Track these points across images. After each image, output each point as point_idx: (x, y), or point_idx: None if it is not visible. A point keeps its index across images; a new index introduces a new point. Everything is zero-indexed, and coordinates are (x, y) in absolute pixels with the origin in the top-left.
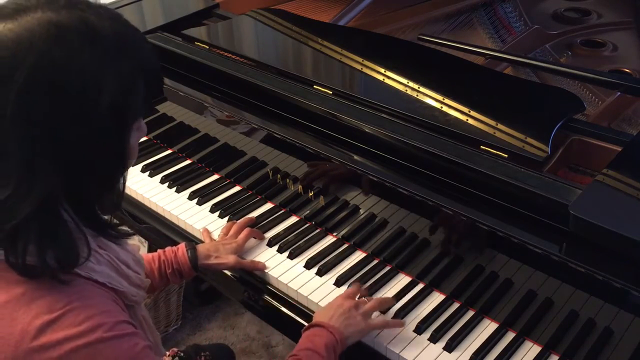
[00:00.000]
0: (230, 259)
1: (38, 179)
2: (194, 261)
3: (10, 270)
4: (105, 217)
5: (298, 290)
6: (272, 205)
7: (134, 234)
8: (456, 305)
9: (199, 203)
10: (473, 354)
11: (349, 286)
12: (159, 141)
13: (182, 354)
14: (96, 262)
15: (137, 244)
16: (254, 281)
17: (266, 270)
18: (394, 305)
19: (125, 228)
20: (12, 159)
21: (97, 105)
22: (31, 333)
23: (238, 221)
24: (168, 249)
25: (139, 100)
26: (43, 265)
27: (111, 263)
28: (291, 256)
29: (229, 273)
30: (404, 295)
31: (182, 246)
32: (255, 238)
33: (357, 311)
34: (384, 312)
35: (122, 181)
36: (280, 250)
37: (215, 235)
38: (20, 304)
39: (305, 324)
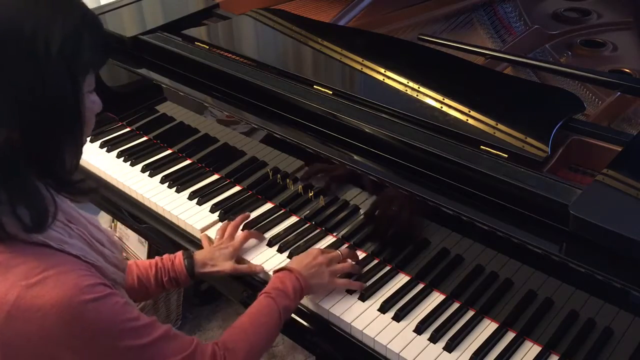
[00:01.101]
0: (226, 266)
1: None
2: (190, 270)
3: None
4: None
5: None
6: (272, 205)
7: (96, 189)
8: (456, 305)
9: (199, 203)
10: (473, 354)
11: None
12: (159, 141)
13: None
14: (67, 236)
15: (137, 243)
16: (253, 281)
17: (266, 270)
18: (361, 272)
19: (88, 184)
20: None
21: (46, 54)
22: (10, 301)
23: (232, 221)
24: (165, 256)
25: (86, 53)
26: (18, 222)
27: (83, 237)
28: (291, 256)
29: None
30: (404, 296)
31: (179, 254)
32: (256, 239)
33: (327, 268)
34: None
35: (80, 146)
36: (280, 250)
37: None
38: None
39: (306, 324)
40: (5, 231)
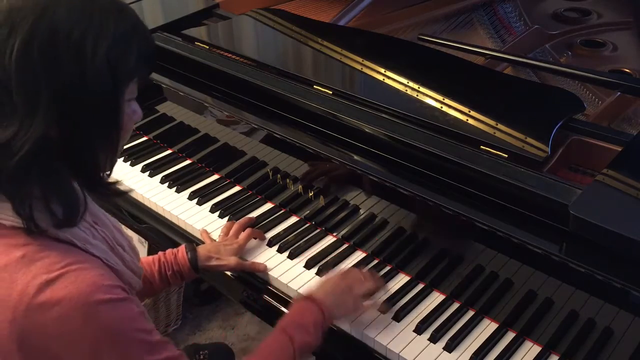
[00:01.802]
0: (231, 260)
1: (37, 119)
2: (194, 263)
3: (11, 235)
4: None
5: (298, 290)
6: (272, 205)
7: (125, 193)
8: (456, 305)
9: (199, 203)
10: (473, 354)
11: None
12: (159, 141)
13: None
14: (92, 237)
15: (137, 243)
16: (254, 281)
17: (266, 270)
18: (384, 292)
19: (118, 187)
20: (16, 100)
21: (93, 55)
22: (30, 293)
23: (238, 221)
24: (168, 251)
25: (132, 61)
26: (49, 214)
27: (106, 240)
28: (291, 256)
29: (229, 273)
30: (404, 295)
31: (182, 248)
32: (256, 238)
33: (351, 293)
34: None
35: (116, 150)
36: (280, 250)
37: (215, 235)
38: (20, 266)
39: None
40: (37, 225)
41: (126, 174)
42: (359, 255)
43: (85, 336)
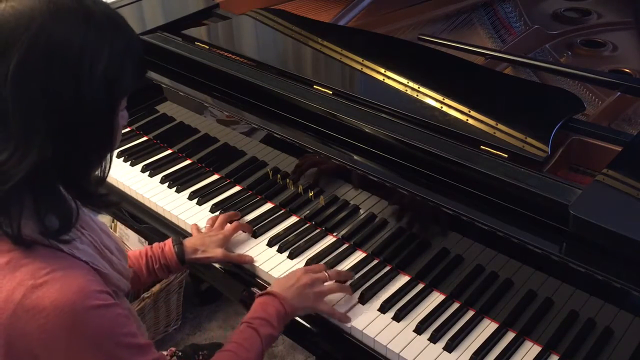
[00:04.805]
0: (218, 252)
1: (33, 144)
2: (181, 256)
3: None
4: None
5: None
6: (272, 205)
7: (118, 203)
8: (456, 305)
9: (199, 203)
10: (473, 354)
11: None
12: (159, 141)
13: (180, 354)
14: (79, 241)
15: (138, 243)
16: (254, 281)
17: (266, 270)
18: (350, 293)
19: (110, 198)
20: (12, 124)
21: (90, 75)
22: (16, 299)
23: (224, 213)
24: (155, 244)
25: (127, 77)
26: (41, 226)
27: (94, 244)
28: (291, 256)
29: (227, 272)
30: (404, 296)
31: (169, 241)
32: (244, 232)
33: (312, 289)
34: (383, 311)
35: (108, 160)
36: (280, 250)
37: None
38: (4, 273)
39: (306, 324)
40: (21, 234)
41: (126, 174)
42: (359, 255)
43: (73, 342)
